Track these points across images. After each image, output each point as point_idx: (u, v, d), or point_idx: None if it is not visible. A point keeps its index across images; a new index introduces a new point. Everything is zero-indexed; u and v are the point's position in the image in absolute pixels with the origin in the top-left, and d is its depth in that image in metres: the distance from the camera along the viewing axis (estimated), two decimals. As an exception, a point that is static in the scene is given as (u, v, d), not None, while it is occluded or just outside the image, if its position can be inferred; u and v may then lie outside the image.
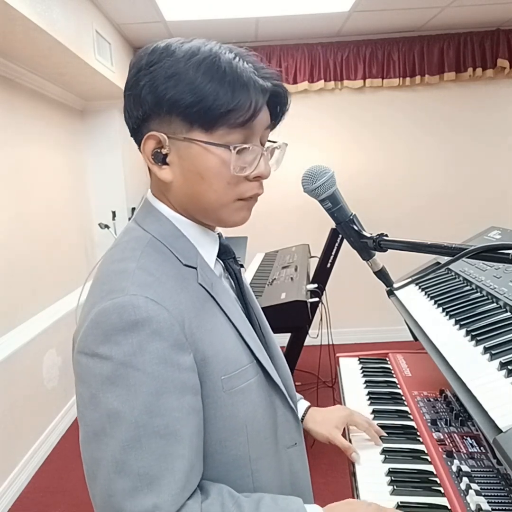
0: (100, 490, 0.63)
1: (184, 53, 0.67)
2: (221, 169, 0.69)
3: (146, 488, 0.61)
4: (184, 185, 0.72)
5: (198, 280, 0.72)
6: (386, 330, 3.91)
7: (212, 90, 0.65)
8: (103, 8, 3.02)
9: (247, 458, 0.74)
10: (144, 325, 0.63)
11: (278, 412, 0.80)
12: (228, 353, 0.72)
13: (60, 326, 3.01)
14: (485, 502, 0.88)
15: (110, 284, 0.67)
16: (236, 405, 0.72)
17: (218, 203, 0.72)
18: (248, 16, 3.30)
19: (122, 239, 0.75)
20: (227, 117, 0.66)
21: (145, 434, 0.62)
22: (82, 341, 0.65)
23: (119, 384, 0.62)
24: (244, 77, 0.67)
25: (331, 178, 0.83)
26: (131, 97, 0.70)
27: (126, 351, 0.62)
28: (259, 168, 0.72)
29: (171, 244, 0.73)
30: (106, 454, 0.62)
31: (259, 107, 0.68)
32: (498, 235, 1.61)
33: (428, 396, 1.31)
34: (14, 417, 2.49)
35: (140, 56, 0.71)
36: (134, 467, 0.62)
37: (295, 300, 2.17)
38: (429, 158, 4.10)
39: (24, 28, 2.08)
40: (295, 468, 0.85)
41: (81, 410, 0.66)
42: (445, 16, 3.54)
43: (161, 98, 0.67)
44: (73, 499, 2.42)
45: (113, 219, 3.72)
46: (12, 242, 2.58)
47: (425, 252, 0.81)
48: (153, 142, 0.70)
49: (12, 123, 2.66)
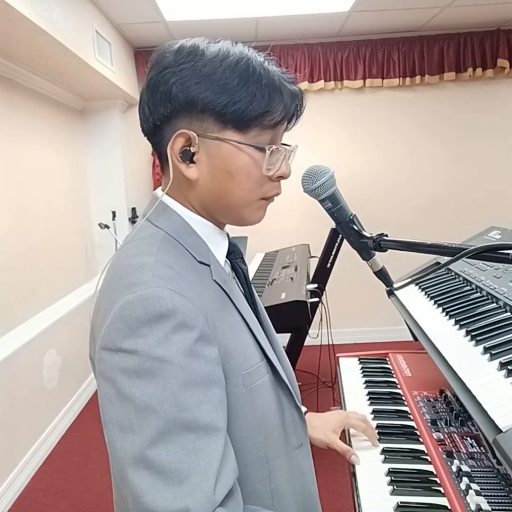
0: (130, 492, 0.60)
1: (215, 53, 0.68)
2: (251, 168, 0.71)
3: (178, 487, 0.58)
4: (211, 184, 0.72)
5: (212, 277, 0.73)
6: (386, 330, 3.91)
7: (249, 92, 0.67)
8: (103, 8, 3.02)
9: (265, 458, 0.74)
10: (169, 316, 0.62)
11: (286, 412, 0.80)
12: (245, 349, 0.72)
13: (60, 326, 3.01)
14: (485, 502, 0.88)
15: (129, 278, 0.66)
16: (255, 402, 0.72)
17: (244, 201, 0.73)
18: (248, 16, 3.30)
19: (135, 236, 0.74)
20: (261, 119, 0.68)
21: (175, 428, 0.60)
22: (105, 336, 0.63)
23: (146, 377, 0.60)
24: (277, 81, 0.69)
25: (331, 178, 0.83)
26: (157, 93, 0.70)
27: (152, 343, 0.60)
28: (282, 168, 0.74)
29: (185, 241, 0.73)
30: (133, 451, 0.59)
31: (290, 110, 0.72)
32: (498, 235, 1.61)
33: (428, 396, 1.31)
34: (14, 417, 2.49)
35: (163, 53, 0.71)
36: (165, 463, 0.59)
37: (295, 300, 2.17)
38: (429, 158, 4.10)
39: (24, 28, 2.08)
40: (303, 470, 0.85)
41: (106, 409, 0.63)
42: (445, 16, 3.54)
43: (194, 97, 0.67)
44: (73, 499, 2.43)
45: (113, 219, 3.72)
46: (12, 242, 2.58)
47: (425, 252, 0.81)
48: (182, 140, 0.70)
49: (12, 123, 2.66)
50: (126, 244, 0.75)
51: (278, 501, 0.77)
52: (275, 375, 0.78)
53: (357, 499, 0.97)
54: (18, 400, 2.53)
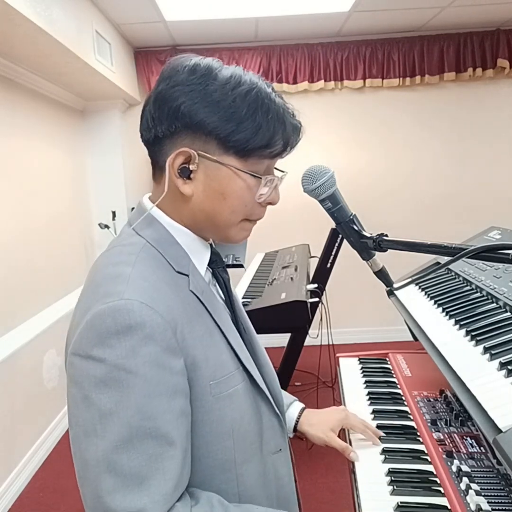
0: (90, 490, 0.64)
1: (227, 80, 0.70)
2: (244, 193, 0.74)
3: (136, 488, 0.62)
4: (204, 201, 0.74)
5: (189, 287, 0.75)
6: (386, 330, 3.91)
7: (256, 124, 0.69)
8: (103, 8, 3.02)
9: (233, 462, 0.76)
10: (137, 329, 0.64)
11: (264, 418, 0.82)
12: (216, 359, 0.73)
13: (60, 326, 3.01)
14: (485, 502, 0.88)
15: (105, 287, 0.68)
16: (223, 410, 0.73)
17: (231, 222, 0.76)
18: (248, 16, 3.30)
19: (117, 243, 0.77)
20: (263, 149, 0.71)
21: (137, 435, 0.63)
22: (77, 343, 0.66)
23: (112, 385, 0.63)
24: (281, 114, 0.72)
25: (331, 178, 0.83)
26: (165, 108, 0.71)
27: (119, 354, 0.63)
28: (272, 195, 0.78)
29: (165, 251, 0.75)
30: (97, 454, 0.63)
31: (290, 142, 0.74)
32: (498, 235, 1.61)
33: (428, 396, 1.31)
34: (14, 417, 2.49)
35: (175, 68, 0.72)
36: (126, 467, 0.62)
37: (295, 300, 2.17)
38: (429, 158, 4.10)
39: (24, 28, 2.08)
40: (280, 474, 0.86)
41: (72, 411, 0.66)
42: (445, 16, 3.54)
43: (201, 120, 0.69)
44: (73, 499, 2.42)
45: (113, 219, 3.72)
46: (12, 242, 2.58)
47: (425, 252, 0.81)
48: (183, 157, 0.72)
49: (12, 123, 2.66)
50: (108, 250, 0.77)
51: (246, 503, 0.78)
52: (252, 383, 0.79)
53: (357, 499, 0.97)
54: (18, 400, 2.53)
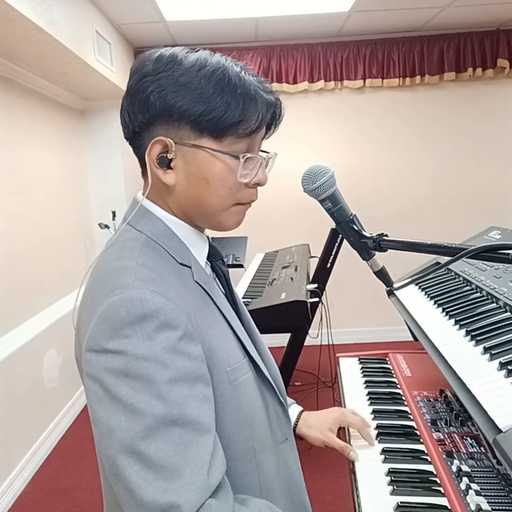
0: (122, 486, 0.62)
1: (193, 63, 0.70)
2: (226, 175, 0.73)
3: (168, 480, 0.60)
4: (187, 189, 0.74)
5: (194, 278, 0.75)
6: (386, 330, 3.91)
7: (224, 102, 0.68)
8: (103, 8, 3.02)
9: (252, 451, 0.76)
10: (152, 316, 0.64)
11: (270, 407, 0.82)
12: (227, 346, 0.74)
13: (60, 326, 3.01)
14: (485, 502, 0.88)
15: (112, 281, 0.68)
16: (240, 398, 0.74)
17: (220, 207, 0.75)
18: (248, 16, 3.30)
19: (117, 240, 0.76)
20: (236, 127, 0.70)
21: (163, 424, 0.61)
22: (91, 338, 0.65)
23: (133, 376, 0.62)
24: (252, 90, 0.71)
25: (331, 178, 0.83)
26: (136, 101, 0.71)
27: (136, 343, 0.62)
28: (258, 175, 0.76)
29: (165, 244, 0.75)
30: (124, 447, 0.61)
31: (265, 119, 0.73)
32: (498, 235, 1.61)
33: (428, 396, 1.31)
34: (14, 417, 2.49)
35: (143, 62, 0.72)
36: (154, 458, 0.61)
37: (295, 300, 2.17)
38: (429, 158, 4.10)
39: (24, 28, 2.08)
40: (288, 463, 0.87)
41: (94, 408, 0.65)
42: (445, 16, 3.54)
43: (171, 105, 0.69)
44: (73, 499, 2.43)
45: (113, 219, 3.72)
46: (12, 242, 2.58)
47: (425, 252, 0.81)
48: (160, 146, 0.72)
49: (12, 123, 2.66)
50: (108, 248, 0.77)
51: (267, 494, 0.79)
52: (258, 372, 0.80)
53: (357, 499, 0.97)
54: (18, 400, 2.53)
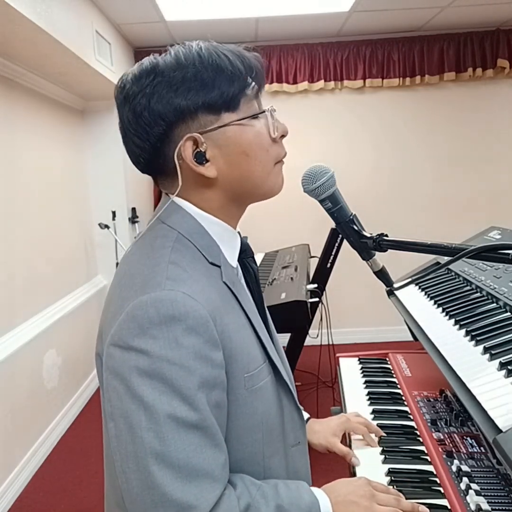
0: (138, 484, 0.63)
1: (175, 58, 0.70)
2: (259, 139, 0.74)
3: (186, 479, 0.62)
4: (230, 172, 0.74)
5: (222, 278, 0.74)
6: (386, 330, 3.91)
7: (226, 74, 0.70)
8: (103, 8, 3.02)
9: (261, 455, 0.76)
10: (181, 320, 0.64)
11: (285, 411, 0.82)
12: (249, 351, 0.73)
13: (60, 326, 3.01)
14: (485, 502, 0.88)
15: (142, 278, 0.67)
16: (255, 403, 0.74)
17: (265, 172, 0.75)
18: (248, 16, 3.30)
19: (147, 235, 0.75)
20: (245, 91, 0.71)
21: (183, 426, 0.63)
22: (116, 334, 0.65)
23: (156, 377, 0.62)
24: (239, 53, 0.72)
25: (331, 178, 0.83)
26: (142, 120, 0.70)
27: (162, 345, 0.63)
28: (281, 126, 0.77)
29: (197, 241, 0.74)
30: (144, 447, 0.62)
31: (260, 73, 0.75)
32: (498, 235, 1.61)
33: (428, 396, 1.31)
34: (14, 417, 2.49)
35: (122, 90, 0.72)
36: (174, 459, 0.62)
37: (295, 300, 2.17)
38: (429, 158, 4.10)
39: (24, 28, 2.08)
40: (297, 467, 0.86)
41: (114, 403, 0.65)
42: (445, 16, 3.54)
43: (180, 104, 0.69)
44: (73, 499, 2.42)
45: (113, 219, 3.72)
46: (12, 242, 2.58)
47: (425, 252, 0.81)
48: (190, 144, 0.71)
49: (12, 124, 2.66)
50: (138, 242, 0.76)
51: None
52: (277, 376, 0.79)
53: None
54: (18, 400, 2.53)
